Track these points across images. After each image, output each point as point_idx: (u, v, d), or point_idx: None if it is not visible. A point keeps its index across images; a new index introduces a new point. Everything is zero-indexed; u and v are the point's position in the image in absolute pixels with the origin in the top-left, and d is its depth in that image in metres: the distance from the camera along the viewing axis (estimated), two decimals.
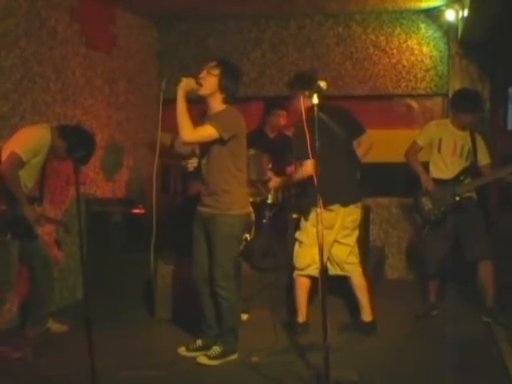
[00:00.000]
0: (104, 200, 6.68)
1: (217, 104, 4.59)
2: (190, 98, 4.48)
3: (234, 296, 4.70)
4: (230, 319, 4.70)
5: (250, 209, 4.91)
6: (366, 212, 6.52)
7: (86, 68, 6.47)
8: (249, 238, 5.73)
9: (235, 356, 4.72)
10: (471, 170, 5.60)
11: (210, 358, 4.66)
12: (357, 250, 5.28)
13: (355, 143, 5.25)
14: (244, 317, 5.63)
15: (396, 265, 7.49)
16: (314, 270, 4.96)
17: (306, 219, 5.11)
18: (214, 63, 4.56)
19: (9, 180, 4.73)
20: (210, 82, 4.53)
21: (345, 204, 5.06)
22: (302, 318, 5.21)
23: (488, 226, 5.71)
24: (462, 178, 5.55)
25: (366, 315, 5.22)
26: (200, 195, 4.74)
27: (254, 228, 5.86)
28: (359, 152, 5.26)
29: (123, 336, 5.26)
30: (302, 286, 5.16)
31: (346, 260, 5.20)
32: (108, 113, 6.90)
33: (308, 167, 4.87)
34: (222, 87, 4.53)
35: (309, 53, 7.56)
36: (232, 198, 4.59)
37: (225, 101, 4.59)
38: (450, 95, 6.78)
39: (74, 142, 4.94)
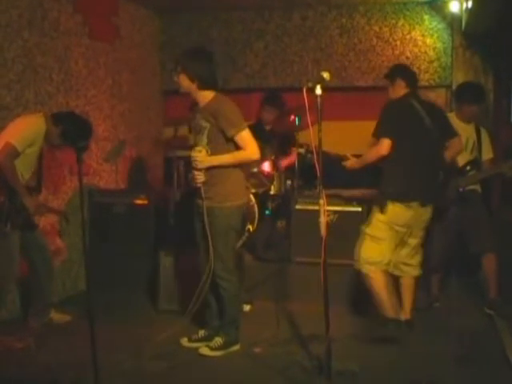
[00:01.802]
0: (107, 191, 6.67)
1: (200, 95, 4.59)
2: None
3: (235, 287, 4.70)
4: (230, 310, 4.71)
5: (246, 200, 4.86)
6: (368, 204, 6.47)
7: (88, 59, 6.47)
8: (251, 229, 5.74)
9: (237, 347, 4.74)
10: (476, 163, 5.57)
11: (212, 349, 4.67)
12: (419, 252, 5.12)
13: (446, 145, 5.07)
14: (247, 308, 5.65)
15: None
16: (385, 266, 4.85)
17: (382, 212, 4.83)
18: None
19: (5, 170, 4.72)
20: (181, 81, 4.56)
21: (423, 204, 4.87)
22: (392, 313, 4.93)
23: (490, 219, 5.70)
24: (466, 170, 5.52)
25: (405, 313, 5.10)
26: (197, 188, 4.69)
27: (256, 219, 5.87)
28: (448, 154, 5.08)
29: (126, 327, 5.26)
30: (379, 281, 4.89)
31: (405, 261, 5.05)
32: (111, 103, 6.90)
33: (382, 147, 4.74)
34: (194, 78, 4.52)
35: (312, 44, 7.55)
36: (229, 190, 4.59)
37: (204, 87, 4.56)
38: (454, 87, 6.76)
39: (68, 128, 4.92)
